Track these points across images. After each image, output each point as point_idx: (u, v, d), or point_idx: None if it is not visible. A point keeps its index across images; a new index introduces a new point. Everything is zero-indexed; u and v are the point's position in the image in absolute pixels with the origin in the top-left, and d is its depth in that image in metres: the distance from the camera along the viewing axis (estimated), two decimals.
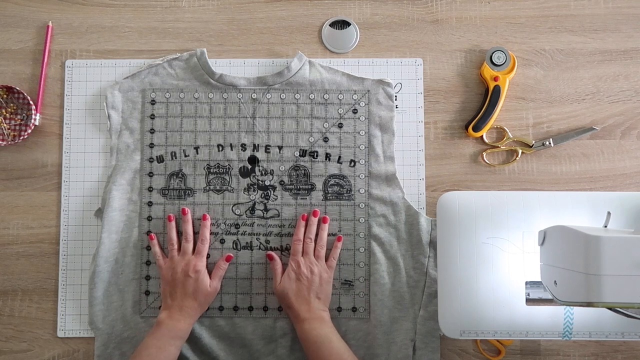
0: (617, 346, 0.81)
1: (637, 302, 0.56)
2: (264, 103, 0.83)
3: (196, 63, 0.83)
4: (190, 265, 0.76)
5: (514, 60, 0.82)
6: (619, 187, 0.83)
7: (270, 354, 0.79)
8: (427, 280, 0.79)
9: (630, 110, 0.84)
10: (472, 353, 0.81)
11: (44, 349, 0.81)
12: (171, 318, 0.74)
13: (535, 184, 0.83)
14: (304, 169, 0.82)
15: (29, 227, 0.83)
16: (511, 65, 0.82)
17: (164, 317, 0.74)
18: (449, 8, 0.86)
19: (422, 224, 0.80)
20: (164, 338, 0.72)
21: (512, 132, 0.83)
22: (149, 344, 0.72)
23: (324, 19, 0.86)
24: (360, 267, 0.81)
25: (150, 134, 0.83)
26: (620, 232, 0.62)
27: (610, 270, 0.55)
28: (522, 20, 0.86)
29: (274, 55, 0.85)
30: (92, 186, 0.83)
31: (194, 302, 0.75)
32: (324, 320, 0.75)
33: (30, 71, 0.85)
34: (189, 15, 0.86)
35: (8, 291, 0.82)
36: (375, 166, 0.82)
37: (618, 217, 0.73)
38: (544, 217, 0.75)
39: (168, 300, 0.76)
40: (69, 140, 0.84)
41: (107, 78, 0.85)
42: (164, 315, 0.74)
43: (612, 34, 0.85)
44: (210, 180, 0.82)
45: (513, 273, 0.74)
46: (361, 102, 0.83)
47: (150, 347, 0.71)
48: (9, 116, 0.84)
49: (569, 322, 0.73)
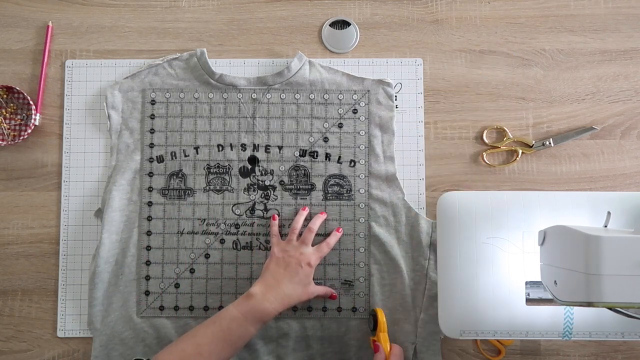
0: (617, 346, 0.81)
1: (637, 302, 0.56)
2: (264, 103, 0.83)
3: (196, 63, 0.83)
4: (306, 257, 0.75)
5: None
6: (619, 187, 0.83)
7: (270, 353, 0.79)
8: (428, 283, 0.79)
9: (630, 110, 0.84)
10: (472, 353, 0.81)
11: (44, 349, 0.81)
12: (265, 297, 0.71)
13: (535, 184, 0.83)
14: (304, 169, 0.82)
15: (29, 227, 0.83)
16: None
17: (258, 291, 0.71)
18: (449, 8, 0.86)
19: (423, 226, 0.80)
20: (249, 315, 0.69)
21: (512, 132, 0.83)
22: (233, 315, 0.69)
23: (324, 19, 0.86)
24: (360, 267, 0.81)
25: (150, 134, 0.83)
26: (620, 232, 0.62)
27: (610, 270, 0.55)
28: (522, 20, 0.86)
29: (274, 55, 0.85)
30: (92, 186, 0.83)
31: (294, 291, 0.73)
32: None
33: (30, 71, 0.85)
34: (189, 15, 0.86)
35: (8, 291, 0.82)
36: (375, 166, 0.82)
37: (618, 217, 0.73)
38: (544, 217, 0.75)
39: (268, 278, 0.73)
40: (69, 140, 0.84)
41: (107, 78, 0.85)
42: (258, 289, 0.71)
43: (612, 34, 0.85)
44: (210, 180, 0.82)
45: (513, 273, 0.74)
46: (361, 102, 0.83)
47: (233, 319, 0.69)
48: (9, 116, 0.84)
49: (569, 322, 0.73)
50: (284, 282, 0.73)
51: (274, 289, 0.72)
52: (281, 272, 0.74)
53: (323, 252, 0.78)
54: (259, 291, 0.71)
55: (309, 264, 0.75)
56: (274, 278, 0.73)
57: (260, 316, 0.70)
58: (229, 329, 0.68)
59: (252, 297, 0.70)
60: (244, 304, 0.70)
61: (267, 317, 0.70)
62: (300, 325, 0.80)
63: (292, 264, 0.74)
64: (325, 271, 0.81)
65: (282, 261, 0.75)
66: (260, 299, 0.70)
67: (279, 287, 0.72)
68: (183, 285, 0.81)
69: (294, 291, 0.73)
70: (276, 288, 0.72)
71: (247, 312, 0.69)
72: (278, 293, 0.71)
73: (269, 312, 0.70)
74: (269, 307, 0.70)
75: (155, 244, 0.81)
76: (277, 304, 0.71)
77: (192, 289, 0.81)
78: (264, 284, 0.72)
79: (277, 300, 0.71)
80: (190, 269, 0.81)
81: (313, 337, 0.79)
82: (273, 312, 0.71)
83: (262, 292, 0.71)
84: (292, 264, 0.74)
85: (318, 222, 0.79)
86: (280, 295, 0.71)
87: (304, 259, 0.75)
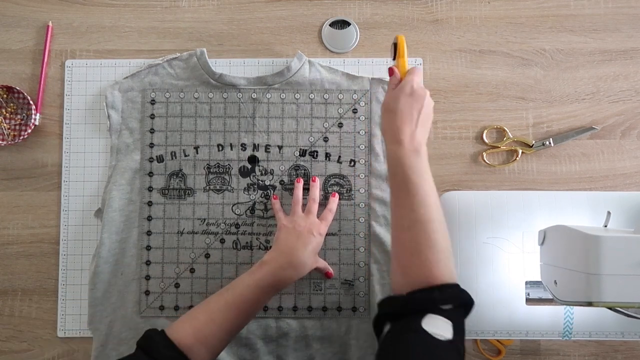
0: (617, 346, 0.81)
1: (637, 302, 0.56)
2: (263, 103, 0.83)
3: (196, 63, 0.83)
4: (316, 226, 0.75)
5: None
6: (619, 187, 0.83)
7: (270, 353, 0.79)
8: None
9: (630, 110, 0.84)
10: (472, 353, 0.81)
11: (44, 349, 0.81)
12: (278, 264, 0.70)
13: (535, 184, 0.83)
14: (304, 169, 0.82)
15: (29, 227, 0.83)
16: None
17: (271, 259, 0.70)
18: (449, 8, 0.86)
19: None
20: (262, 282, 0.68)
21: (512, 132, 0.83)
22: (246, 282, 0.68)
23: (324, 19, 0.86)
24: (360, 267, 0.81)
25: (150, 133, 0.83)
26: (620, 232, 0.62)
27: (610, 270, 0.56)
28: (522, 20, 0.86)
29: (274, 55, 0.85)
30: (92, 186, 0.83)
31: (305, 259, 0.72)
32: None
33: (30, 71, 0.85)
34: (188, 15, 0.86)
35: (8, 291, 0.82)
36: (375, 165, 0.82)
37: (618, 217, 0.73)
38: (544, 217, 0.75)
39: (282, 246, 0.72)
40: (69, 140, 0.84)
41: (107, 78, 0.85)
42: (271, 256, 0.71)
43: (612, 34, 0.85)
44: (210, 180, 0.82)
45: (513, 273, 0.74)
46: (361, 101, 0.83)
47: (247, 286, 0.67)
48: (9, 116, 0.84)
49: (569, 322, 0.74)
50: (299, 250, 0.72)
51: (288, 257, 0.71)
52: (293, 240, 0.73)
53: (329, 220, 0.78)
54: (273, 259, 0.70)
55: (320, 233, 0.75)
56: (287, 246, 0.72)
57: (274, 284, 0.69)
58: (242, 296, 0.67)
59: (265, 264, 0.70)
60: (258, 271, 0.69)
61: (282, 286, 0.70)
62: (300, 325, 0.80)
63: (304, 233, 0.73)
64: None
65: (293, 231, 0.74)
66: (274, 266, 0.69)
67: (293, 255, 0.71)
68: (183, 285, 0.81)
69: (308, 259, 0.72)
70: (290, 256, 0.71)
71: (261, 280, 0.68)
72: (292, 261, 0.71)
73: (283, 280, 0.69)
74: (283, 275, 0.69)
75: (155, 244, 0.81)
76: (291, 272, 0.70)
77: (192, 288, 0.81)
78: (278, 252, 0.71)
79: (291, 268, 0.70)
80: (190, 268, 0.81)
81: (313, 337, 0.79)
82: (288, 281, 0.70)
83: (276, 260, 0.70)
84: (304, 233, 0.73)
85: (317, 191, 0.79)
86: (295, 263, 0.71)
87: (315, 228, 0.74)
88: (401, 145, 0.64)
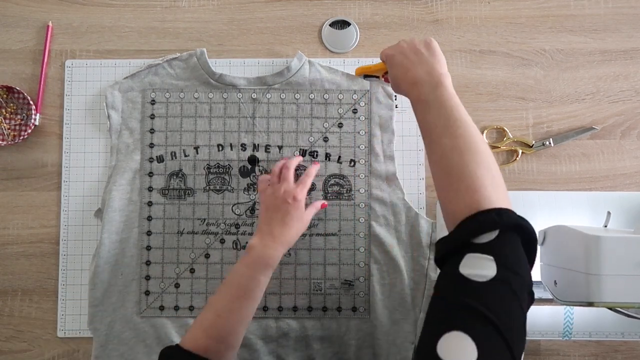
0: (617, 346, 0.81)
1: (637, 302, 0.56)
2: (263, 103, 0.83)
3: (196, 63, 0.83)
4: (291, 193, 0.74)
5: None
6: (619, 187, 0.83)
7: (270, 353, 0.79)
8: (427, 283, 0.79)
9: (630, 110, 0.84)
10: None
11: (44, 349, 0.81)
12: (263, 245, 0.70)
13: (535, 184, 0.83)
14: (304, 169, 0.82)
15: (29, 227, 0.83)
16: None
17: (256, 242, 0.71)
18: (449, 8, 0.86)
19: (423, 225, 0.80)
20: (255, 265, 0.69)
21: (512, 132, 0.83)
22: (240, 271, 0.69)
23: (324, 19, 0.86)
24: (360, 267, 0.81)
25: (150, 133, 0.83)
26: (620, 232, 0.62)
27: (610, 270, 0.56)
28: (522, 20, 0.86)
29: (274, 55, 0.85)
30: (92, 186, 0.83)
31: (289, 229, 0.72)
32: None
33: (30, 71, 0.85)
34: (188, 15, 0.86)
35: (8, 291, 0.82)
36: (375, 165, 0.82)
37: (618, 217, 0.73)
38: (544, 217, 0.75)
39: (263, 227, 0.73)
40: (69, 140, 0.84)
41: (107, 78, 0.85)
42: (256, 240, 0.71)
43: (612, 34, 0.85)
44: (210, 180, 0.82)
45: None
46: (361, 101, 0.83)
47: (242, 275, 0.69)
48: (9, 116, 0.84)
49: (569, 322, 0.74)
50: (278, 225, 0.72)
51: (270, 235, 0.71)
52: (272, 215, 0.73)
53: (306, 184, 0.77)
54: (258, 241, 0.71)
55: (294, 197, 0.74)
56: (267, 224, 0.73)
57: (266, 263, 0.69)
58: (240, 284, 0.68)
59: (252, 248, 0.70)
60: (247, 257, 0.70)
61: (274, 262, 0.70)
62: (300, 325, 0.80)
63: (280, 204, 0.73)
64: (326, 271, 0.81)
65: (270, 205, 0.74)
66: (260, 248, 0.70)
67: (273, 232, 0.72)
68: (183, 285, 0.81)
69: (291, 229, 0.72)
70: (271, 234, 0.71)
71: (252, 264, 0.69)
72: (276, 236, 0.71)
73: (273, 257, 0.70)
74: (272, 253, 0.70)
75: (155, 244, 0.81)
76: (278, 246, 0.71)
77: (192, 288, 0.81)
78: (260, 233, 0.72)
79: (276, 243, 0.71)
80: (190, 268, 0.81)
81: (313, 337, 0.79)
82: (278, 255, 0.70)
83: (260, 241, 0.71)
84: (279, 204, 0.74)
85: (294, 161, 0.79)
86: (279, 238, 0.71)
87: (288, 195, 0.74)
88: (420, 86, 0.63)
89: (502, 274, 0.47)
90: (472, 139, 0.57)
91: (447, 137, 0.58)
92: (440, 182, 0.58)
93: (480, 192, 0.52)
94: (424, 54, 0.66)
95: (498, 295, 0.46)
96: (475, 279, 0.47)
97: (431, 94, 0.62)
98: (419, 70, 0.64)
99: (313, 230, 0.81)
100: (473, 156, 0.55)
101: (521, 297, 0.47)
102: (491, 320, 0.44)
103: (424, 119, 0.62)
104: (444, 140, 0.58)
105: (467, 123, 0.58)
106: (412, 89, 0.65)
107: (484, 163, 0.55)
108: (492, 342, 0.44)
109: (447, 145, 0.57)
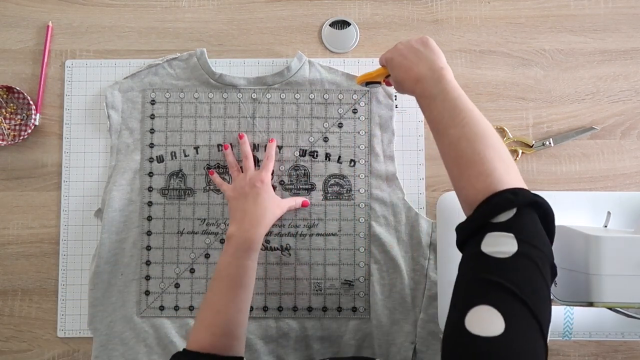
0: (617, 346, 0.81)
1: (637, 302, 0.56)
2: (263, 103, 0.83)
3: (196, 63, 0.83)
4: (257, 178, 0.76)
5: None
6: (619, 187, 0.83)
7: (270, 353, 0.79)
8: (427, 283, 0.79)
9: (630, 110, 0.84)
10: None
11: (44, 349, 0.81)
12: (242, 230, 0.71)
13: (535, 184, 0.83)
14: (303, 169, 0.82)
15: (29, 227, 0.83)
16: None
17: (234, 230, 0.72)
18: (449, 8, 0.86)
19: (423, 226, 0.80)
20: (238, 252, 0.70)
21: (512, 132, 0.83)
22: (225, 262, 0.70)
23: (324, 19, 0.86)
24: (360, 267, 0.81)
25: (150, 134, 0.83)
26: (620, 232, 0.62)
27: (610, 270, 0.56)
28: (522, 20, 0.86)
29: (274, 55, 0.85)
30: (92, 186, 0.83)
31: (263, 209, 0.73)
32: None
33: (30, 71, 0.85)
34: (188, 15, 0.86)
35: (8, 291, 0.82)
36: (375, 165, 0.82)
37: (618, 217, 0.73)
38: None
39: (236, 214, 0.74)
40: (69, 140, 0.84)
41: (107, 78, 0.84)
42: (233, 228, 0.72)
43: (612, 34, 0.85)
44: (210, 180, 0.82)
45: None
46: (361, 101, 0.83)
47: (228, 265, 0.69)
48: (9, 116, 0.84)
49: (569, 322, 0.74)
50: (251, 209, 0.73)
51: (245, 221, 0.72)
52: (243, 202, 0.74)
53: (268, 167, 0.78)
54: (235, 228, 0.72)
55: (261, 180, 0.75)
56: (240, 210, 0.74)
57: (248, 247, 0.70)
58: (229, 275, 0.69)
59: (231, 237, 0.71)
60: (229, 246, 0.71)
61: (256, 244, 0.71)
62: (300, 325, 0.80)
63: (247, 191, 0.75)
64: (326, 271, 0.81)
65: (239, 195, 0.76)
66: (240, 233, 0.71)
67: (246, 217, 0.73)
68: (183, 285, 0.81)
69: (265, 209, 0.74)
70: (245, 220, 0.72)
71: (236, 251, 0.70)
72: (252, 219, 0.72)
73: (254, 239, 0.71)
74: (251, 235, 0.71)
75: (155, 244, 0.81)
76: (257, 228, 0.72)
77: (192, 288, 0.81)
78: (234, 221, 0.73)
79: (254, 226, 0.72)
80: (190, 268, 0.81)
81: (313, 337, 0.79)
82: (259, 237, 0.72)
83: (237, 229, 0.72)
84: (247, 191, 0.75)
85: (247, 148, 0.80)
86: (256, 220, 0.72)
87: (255, 180, 0.75)
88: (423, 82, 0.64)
89: (524, 249, 0.47)
90: (478, 125, 0.57)
91: (454, 127, 0.58)
92: (453, 171, 0.58)
93: (493, 175, 0.53)
94: (422, 51, 0.66)
95: (521, 270, 0.47)
96: (497, 255, 0.48)
97: (435, 87, 0.62)
98: (420, 67, 0.65)
99: (313, 230, 0.81)
100: (481, 141, 0.56)
101: (544, 271, 0.48)
102: (515, 293, 0.45)
103: (430, 113, 0.63)
104: (451, 130, 0.58)
105: (472, 111, 0.59)
106: (416, 86, 0.65)
107: (493, 146, 0.55)
108: (518, 314, 0.45)
109: (455, 135, 0.58)
